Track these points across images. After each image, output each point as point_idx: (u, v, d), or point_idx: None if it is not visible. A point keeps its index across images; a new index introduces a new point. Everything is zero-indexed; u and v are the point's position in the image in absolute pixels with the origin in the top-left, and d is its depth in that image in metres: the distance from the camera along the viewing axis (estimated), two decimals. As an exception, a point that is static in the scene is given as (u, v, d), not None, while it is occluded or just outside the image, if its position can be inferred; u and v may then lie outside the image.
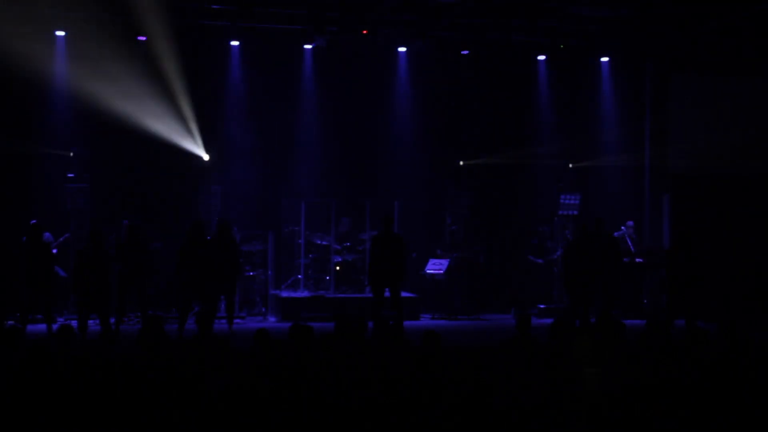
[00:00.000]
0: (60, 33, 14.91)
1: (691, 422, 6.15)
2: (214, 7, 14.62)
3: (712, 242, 14.75)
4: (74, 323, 11.67)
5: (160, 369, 6.76)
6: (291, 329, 8.53)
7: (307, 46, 16.07)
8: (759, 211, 15.36)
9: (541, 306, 15.51)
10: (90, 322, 12.34)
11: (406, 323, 12.59)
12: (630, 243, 15.60)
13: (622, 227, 15.69)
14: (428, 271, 15.45)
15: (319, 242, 15.45)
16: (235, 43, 15.69)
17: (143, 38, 15.23)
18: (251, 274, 15.08)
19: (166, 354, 7.31)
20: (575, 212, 15.80)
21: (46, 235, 13.49)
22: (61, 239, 14.08)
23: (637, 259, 15.61)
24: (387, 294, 12.86)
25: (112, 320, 12.32)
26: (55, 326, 11.34)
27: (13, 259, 12.42)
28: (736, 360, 7.18)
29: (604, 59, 16.89)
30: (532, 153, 16.77)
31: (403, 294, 13.26)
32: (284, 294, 15.13)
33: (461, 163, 16.97)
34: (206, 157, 15.78)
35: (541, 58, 16.93)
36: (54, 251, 13.62)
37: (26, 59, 14.79)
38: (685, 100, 16.29)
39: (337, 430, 6.27)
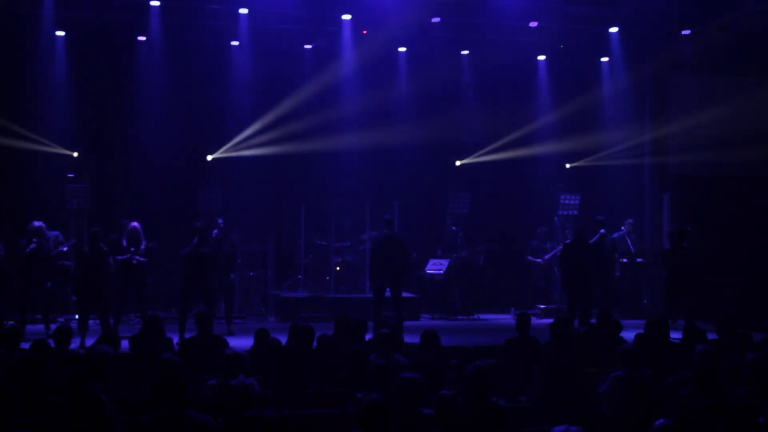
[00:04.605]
0: (60, 33, 14.91)
1: (691, 422, 6.14)
2: (215, 7, 14.62)
3: (711, 242, 14.74)
4: (74, 324, 11.67)
5: (159, 369, 6.75)
6: (291, 329, 8.54)
7: (308, 46, 16.09)
8: (759, 211, 15.34)
9: (541, 306, 15.51)
10: (90, 322, 12.32)
11: (406, 323, 12.59)
12: (629, 243, 15.59)
13: (622, 227, 15.68)
14: (428, 271, 15.44)
15: (319, 242, 15.46)
16: (235, 42, 15.69)
17: (143, 38, 15.28)
18: (251, 274, 15.08)
19: (165, 354, 7.29)
20: (575, 212, 15.79)
21: (55, 233, 13.49)
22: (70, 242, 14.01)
23: (638, 259, 15.60)
24: (387, 294, 12.85)
25: (112, 321, 12.29)
26: (53, 326, 11.32)
27: (12, 259, 12.41)
28: (734, 359, 7.17)
29: (604, 59, 16.89)
30: (532, 153, 16.77)
31: (403, 294, 13.25)
32: (284, 294, 15.12)
33: (460, 162, 16.98)
34: (208, 157, 15.81)
35: (541, 58, 16.94)
36: (64, 248, 13.59)
37: (27, 58, 14.84)
38: (685, 100, 16.28)
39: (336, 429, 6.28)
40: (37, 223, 12.61)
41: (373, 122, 16.29)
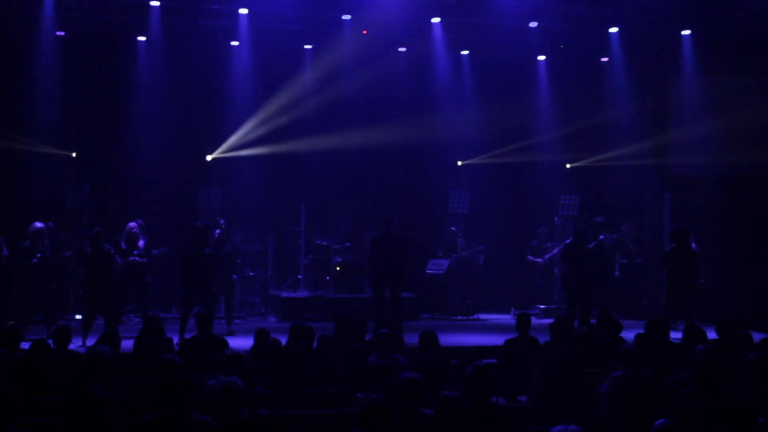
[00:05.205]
0: (60, 33, 14.90)
1: (691, 422, 6.15)
2: (215, 7, 14.61)
3: (712, 242, 14.74)
4: (75, 324, 11.68)
5: (159, 369, 6.75)
6: (291, 329, 8.54)
7: (307, 46, 16.09)
8: (759, 210, 15.34)
9: (541, 306, 15.51)
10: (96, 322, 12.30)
11: (406, 323, 12.57)
12: (630, 243, 15.58)
13: (622, 227, 15.68)
14: (428, 272, 15.44)
15: (319, 242, 15.45)
16: (235, 43, 15.68)
17: (143, 38, 15.28)
18: (251, 274, 15.07)
19: (166, 354, 7.29)
20: (575, 212, 15.78)
21: (62, 236, 13.50)
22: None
23: (638, 260, 15.59)
24: (387, 294, 12.85)
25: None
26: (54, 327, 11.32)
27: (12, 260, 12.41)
28: (734, 359, 7.17)
29: (604, 59, 16.89)
30: (532, 153, 16.76)
31: (403, 294, 13.25)
32: (284, 294, 15.12)
33: (460, 163, 16.97)
34: (208, 157, 15.81)
35: (541, 58, 16.93)
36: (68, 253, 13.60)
37: (26, 58, 14.84)
38: (686, 101, 16.27)
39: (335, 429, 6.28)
40: (38, 224, 12.58)
41: (373, 122, 16.27)
